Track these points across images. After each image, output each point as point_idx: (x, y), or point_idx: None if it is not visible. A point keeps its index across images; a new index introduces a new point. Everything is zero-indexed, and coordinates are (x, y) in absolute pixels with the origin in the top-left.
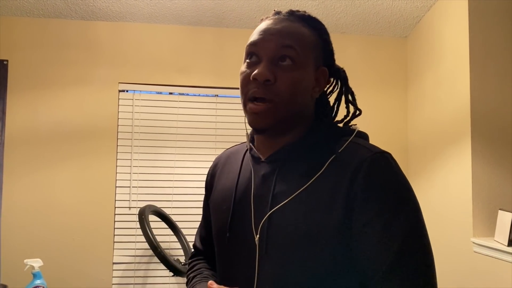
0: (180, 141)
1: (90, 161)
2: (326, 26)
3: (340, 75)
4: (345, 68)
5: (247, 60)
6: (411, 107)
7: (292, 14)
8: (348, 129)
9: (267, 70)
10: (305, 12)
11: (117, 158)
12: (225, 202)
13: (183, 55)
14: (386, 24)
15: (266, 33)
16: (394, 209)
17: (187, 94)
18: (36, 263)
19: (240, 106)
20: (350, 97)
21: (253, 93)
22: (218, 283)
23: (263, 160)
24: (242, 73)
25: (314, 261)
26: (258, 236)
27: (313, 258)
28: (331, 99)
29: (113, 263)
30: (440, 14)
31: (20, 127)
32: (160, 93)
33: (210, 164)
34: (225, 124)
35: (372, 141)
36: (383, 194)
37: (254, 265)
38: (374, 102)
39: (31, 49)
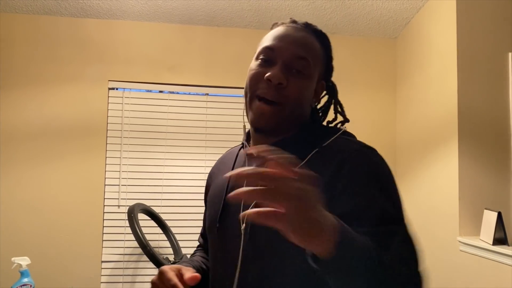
0: (170, 139)
1: (79, 159)
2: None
3: (334, 91)
4: (334, 68)
5: (260, 60)
6: (400, 107)
7: (307, 26)
8: (336, 128)
9: (281, 74)
10: (317, 26)
11: (107, 156)
12: (218, 196)
13: (174, 54)
14: (376, 25)
15: (284, 40)
16: (380, 199)
17: (177, 93)
18: (23, 261)
19: (230, 105)
20: (339, 108)
21: (263, 94)
22: (211, 273)
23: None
24: (253, 69)
25: (296, 249)
26: (244, 225)
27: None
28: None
29: (102, 261)
30: (429, 15)
31: (9, 124)
32: (150, 91)
33: (200, 163)
34: (215, 123)
35: (361, 140)
36: (367, 182)
37: (238, 252)
38: (363, 102)
39: (21, 46)
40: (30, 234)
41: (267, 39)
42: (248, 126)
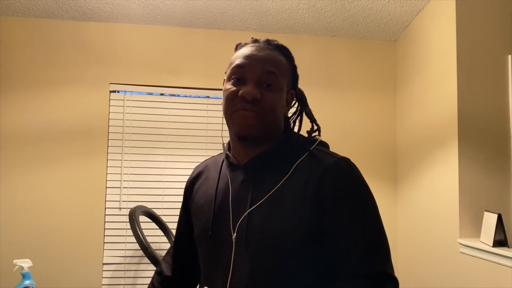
0: (171, 142)
1: (81, 162)
2: (317, 28)
3: (301, 96)
4: (334, 71)
5: (232, 79)
6: (400, 110)
7: (269, 43)
8: (311, 139)
9: (255, 90)
10: (277, 41)
11: (108, 158)
12: (207, 205)
13: (175, 56)
14: (376, 27)
15: (251, 58)
16: (360, 207)
17: (178, 95)
18: (25, 263)
19: None
20: (309, 115)
21: (241, 107)
22: (203, 279)
23: (240, 166)
24: (227, 90)
25: (287, 255)
26: (235, 234)
27: (286, 252)
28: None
29: (103, 264)
30: (429, 18)
31: (11, 127)
32: (151, 94)
33: None
34: (216, 125)
35: (362, 143)
36: (349, 195)
37: (230, 262)
38: (364, 105)
39: (22, 49)
40: (32, 237)
41: (236, 59)
42: (226, 141)
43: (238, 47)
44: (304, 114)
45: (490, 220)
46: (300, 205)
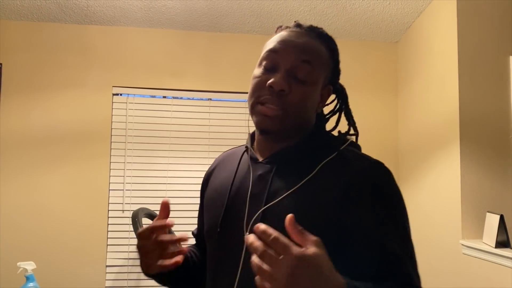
0: (173, 144)
1: (84, 164)
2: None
3: (342, 94)
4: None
5: (263, 66)
6: (401, 111)
7: (312, 30)
8: (342, 139)
9: (283, 81)
10: (323, 29)
11: (111, 161)
12: (219, 199)
13: (177, 59)
14: (377, 29)
15: (287, 44)
16: (393, 216)
17: (181, 98)
18: (29, 266)
19: (233, 110)
20: (348, 116)
21: (265, 100)
22: (208, 280)
23: (260, 160)
24: (256, 77)
25: None
26: (247, 233)
27: None
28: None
29: (107, 266)
30: (430, 20)
31: (14, 130)
32: (154, 96)
33: (203, 167)
34: (219, 128)
35: (363, 145)
36: (383, 203)
37: (239, 260)
38: (365, 106)
39: (25, 52)
40: (35, 239)
41: (271, 43)
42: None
43: (278, 30)
44: (343, 114)
45: (492, 221)
46: (323, 206)
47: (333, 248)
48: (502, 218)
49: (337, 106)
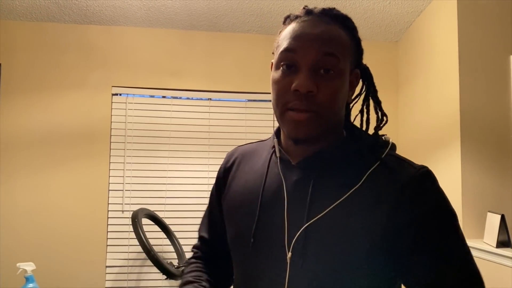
0: (173, 144)
1: (83, 165)
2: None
3: (367, 74)
4: None
5: (282, 67)
6: (402, 110)
7: (325, 13)
8: (382, 140)
9: (309, 81)
10: (336, 9)
11: (110, 161)
12: (247, 205)
13: (177, 59)
14: (378, 28)
15: (304, 38)
16: (445, 233)
17: (180, 98)
18: (28, 266)
19: (233, 110)
20: (377, 99)
21: (294, 105)
22: None
23: (293, 164)
24: (277, 81)
25: (350, 279)
26: (290, 253)
27: (350, 276)
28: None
29: (106, 267)
30: (431, 19)
31: (13, 130)
32: (153, 96)
33: (203, 167)
34: (219, 128)
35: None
36: (437, 221)
37: (283, 282)
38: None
39: (24, 52)
40: (35, 240)
41: (284, 40)
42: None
43: (287, 21)
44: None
45: (493, 221)
46: (371, 222)
47: (380, 266)
48: (503, 218)
49: (363, 89)
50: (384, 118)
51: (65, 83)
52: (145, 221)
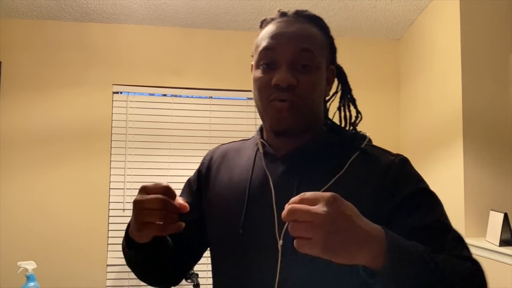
0: (174, 142)
1: (84, 163)
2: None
3: (341, 73)
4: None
5: (262, 66)
6: (403, 109)
7: (299, 14)
8: (360, 134)
9: (289, 75)
10: (309, 11)
11: (111, 160)
12: (234, 197)
13: (177, 57)
14: (379, 26)
15: (281, 37)
16: (435, 204)
17: (181, 96)
18: (29, 265)
19: (234, 108)
20: (351, 97)
21: (277, 96)
22: (228, 283)
23: (278, 158)
24: (258, 78)
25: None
26: (281, 241)
27: None
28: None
29: (107, 265)
30: (432, 16)
31: (13, 128)
32: (154, 94)
33: None
34: (220, 126)
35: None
36: (420, 192)
37: (275, 270)
38: (367, 104)
39: (24, 50)
40: (36, 239)
41: (263, 40)
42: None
43: (263, 24)
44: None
45: (496, 219)
46: (358, 205)
47: None
48: (506, 216)
49: (339, 88)
50: (359, 115)
51: (65, 81)
52: None
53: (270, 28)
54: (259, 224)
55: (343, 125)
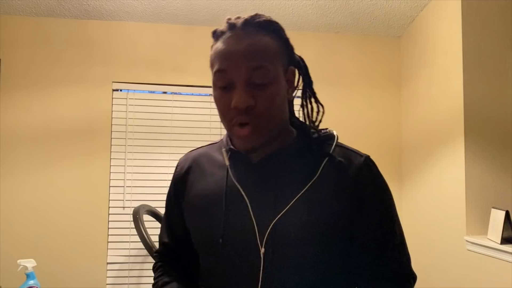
0: (174, 140)
1: (84, 161)
2: (320, 25)
3: (301, 65)
4: (338, 68)
5: (219, 88)
6: (405, 106)
7: (248, 24)
8: (329, 133)
9: (245, 97)
10: (258, 16)
11: (111, 157)
12: (210, 208)
13: (178, 54)
14: (380, 23)
15: (232, 57)
16: (389, 208)
17: (181, 93)
18: (29, 263)
19: None
20: (312, 90)
21: (238, 120)
22: None
23: (252, 164)
24: (218, 101)
25: (324, 262)
26: (263, 248)
27: (322, 259)
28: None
29: (107, 263)
30: (434, 13)
31: (13, 126)
32: (154, 92)
33: None
34: (220, 124)
35: (366, 140)
36: (381, 196)
37: (257, 277)
38: (368, 101)
39: (24, 47)
40: (36, 236)
41: (215, 61)
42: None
43: (214, 35)
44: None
45: (497, 217)
46: (333, 206)
47: (344, 247)
48: (507, 214)
49: (300, 81)
50: (320, 109)
51: (65, 79)
52: (146, 217)
53: (220, 46)
54: (239, 233)
55: (307, 121)
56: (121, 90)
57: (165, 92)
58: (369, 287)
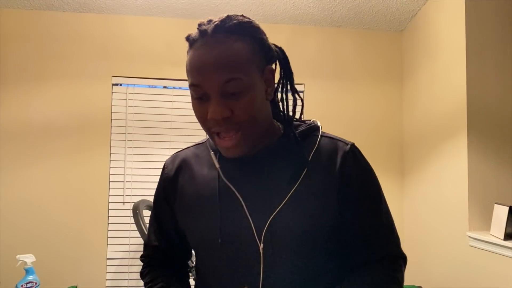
0: (174, 135)
1: (83, 156)
2: (322, 19)
3: (281, 58)
4: (340, 62)
5: (196, 98)
6: (407, 101)
7: (219, 30)
8: (313, 125)
9: (221, 108)
10: (229, 19)
11: (111, 152)
12: (205, 208)
13: (177, 48)
14: (382, 18)
15: (204, 70)
16: (377, 192)
17: (182, 88)
18: (28, 258)
19: None
20: (292, 82)
21: (216, 130)
22: None
23: (242, 162)
24: (195, 111)
25: (321, 251)
26: (262, 245)
27: (320, 249)
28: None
29: (107, 258)
30: (436, 7)
31: (12, 121)
32: (154, 86)
33: None
34: None
35: (368, 135)
36: (368, 181)
37: (258, 273)
38: (370, 96)
39: (22, 41)
40: (35, 232)
41: (189, 74)
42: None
43: (188, 41)
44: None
45: (500, 213)
46: (326, 195)
47: (338, 230)
48: (511, 210)
49: (281, 73)
50: (297, 100)
51: (64, 73)
52: (146, 212)
53: (192, 57)
54: (236, 231)
55: (291, 113)
56: (120, 85)
57: (165, 87)
58: (360, 271)
